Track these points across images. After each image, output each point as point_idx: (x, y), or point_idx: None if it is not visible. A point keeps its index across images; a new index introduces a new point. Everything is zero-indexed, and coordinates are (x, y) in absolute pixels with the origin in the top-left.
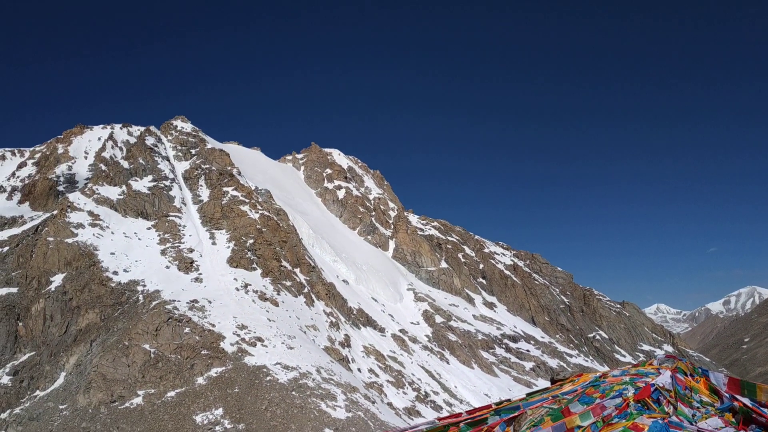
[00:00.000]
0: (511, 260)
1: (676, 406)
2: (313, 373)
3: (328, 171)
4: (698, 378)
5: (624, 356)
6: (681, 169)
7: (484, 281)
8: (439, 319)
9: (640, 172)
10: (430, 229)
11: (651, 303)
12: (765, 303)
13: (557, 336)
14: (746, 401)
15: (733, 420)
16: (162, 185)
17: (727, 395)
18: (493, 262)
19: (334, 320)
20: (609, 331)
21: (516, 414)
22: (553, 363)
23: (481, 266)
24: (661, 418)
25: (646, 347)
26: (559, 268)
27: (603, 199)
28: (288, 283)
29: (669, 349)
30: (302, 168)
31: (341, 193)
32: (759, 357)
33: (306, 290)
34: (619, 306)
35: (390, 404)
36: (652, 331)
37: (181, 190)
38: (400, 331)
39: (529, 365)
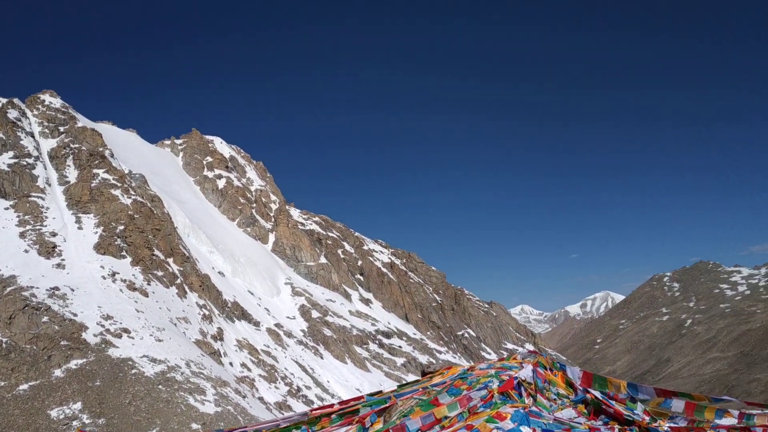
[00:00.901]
0: (389, 258)
1: (535, 398)
2: (182, 367)
3: (209, 159)
4: (556, 372)
5: (489, 354)
6: (547, 182)
7: (361, 278)
8: (315, 314)
9: (511, 182)
10: (311, 224)
11: (516, 304)
12: (616, 307)
13: (428, 333)
14: (597, 394)
15: (585, 411)
16: (24, 163)
17: (581, 388)
18: (371, 259)
19: (207, 313)
20: (477, 329)
21: (387, 405)
22: (423, 359)
23: (360, 263)
24: (522, 407)
25: (510, 346)
26: (433, 268)
27: (477, 204)
28: (160, 273)
29: (531, 348)
30: (181, 154)
31: (221, 183)
32: (609, 356)
33: (179, 281)
34: (487, 306)
35: (261, 399)
36: (516, 330)
37: (45, 169)
38: (276, 325)
39: (400, 361)
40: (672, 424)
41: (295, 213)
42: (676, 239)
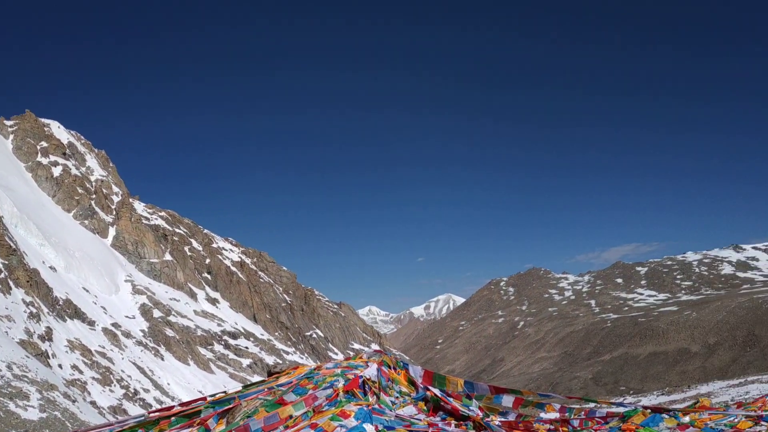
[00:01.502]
0: (239, 257)
1: (379, 396)
2: (3, 370)
3: (44, 144)
4: (400, 371)
5: (337, 354)
6: (395, 186)
7: (209, 276)
8: (157, 313)
9: (360, 184)
10: (156, 219)
11: (365, 305)
12: (457, 309)
13: (276, 333)
14: (437, 391)
15: (425, 408)
16: None
17: (422, 386)
18: (220, 257)
19: (35, 311)
20: (325, 329)
21: (231, 406)
22: (270, 360)
23: (208, 261)
24: (366, 405)
25: (357, 346)
26: (284, 268)
27: (327, 204)
28: None
29: (376, 347)
30: (11, 137)
31: (57, 171)
32: (449, 356)
33: (2, 276)
34: (336, 306)
35: (94, 403)
36: (363, 331)
37: None
38: (113, 324)
39: (246, 362)
40: (503, 419)
41: (139, 207)
42: (513, 244)
